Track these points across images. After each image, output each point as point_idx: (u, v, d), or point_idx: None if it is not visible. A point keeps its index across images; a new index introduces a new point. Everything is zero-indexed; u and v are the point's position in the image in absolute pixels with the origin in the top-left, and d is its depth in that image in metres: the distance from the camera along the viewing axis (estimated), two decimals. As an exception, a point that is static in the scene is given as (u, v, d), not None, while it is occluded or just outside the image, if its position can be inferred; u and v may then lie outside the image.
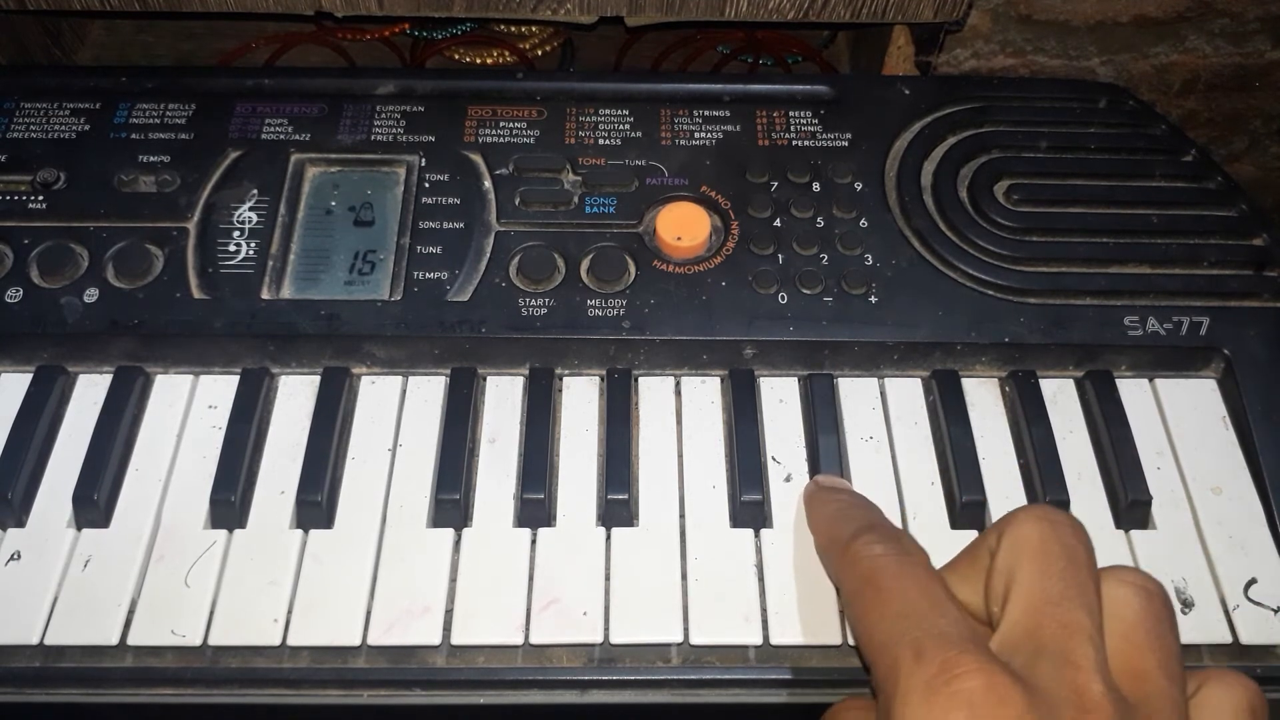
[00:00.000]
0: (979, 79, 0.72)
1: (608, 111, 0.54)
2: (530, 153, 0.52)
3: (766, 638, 0.41)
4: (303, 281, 0.48)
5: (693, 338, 0.47)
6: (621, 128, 0.54)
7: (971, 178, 0.53)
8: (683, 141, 0.53)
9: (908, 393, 0.48)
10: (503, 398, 0.47)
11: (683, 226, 0.49)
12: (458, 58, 0.74)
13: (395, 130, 0.53)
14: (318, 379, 0.47)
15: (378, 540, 0.43)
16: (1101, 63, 0.84)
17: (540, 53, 0.74)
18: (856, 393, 0.48)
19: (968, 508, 0.44)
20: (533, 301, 0.48)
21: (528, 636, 0.40)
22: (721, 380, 0.48)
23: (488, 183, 0.51)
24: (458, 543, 0.43)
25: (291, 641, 0.40)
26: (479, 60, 0.74)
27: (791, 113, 0.55)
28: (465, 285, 0.48)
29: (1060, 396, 0.48)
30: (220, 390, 0.47)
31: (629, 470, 0.44)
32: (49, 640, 0.40)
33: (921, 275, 0.49)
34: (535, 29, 0.74)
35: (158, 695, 0.40)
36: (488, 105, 0.54)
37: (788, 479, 0.45)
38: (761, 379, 0.48)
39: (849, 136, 0.54)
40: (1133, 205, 0.52)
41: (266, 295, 0.48)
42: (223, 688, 0.40)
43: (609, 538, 0.43)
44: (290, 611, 0.41)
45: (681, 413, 0.47)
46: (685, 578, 0.42)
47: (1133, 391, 0.48)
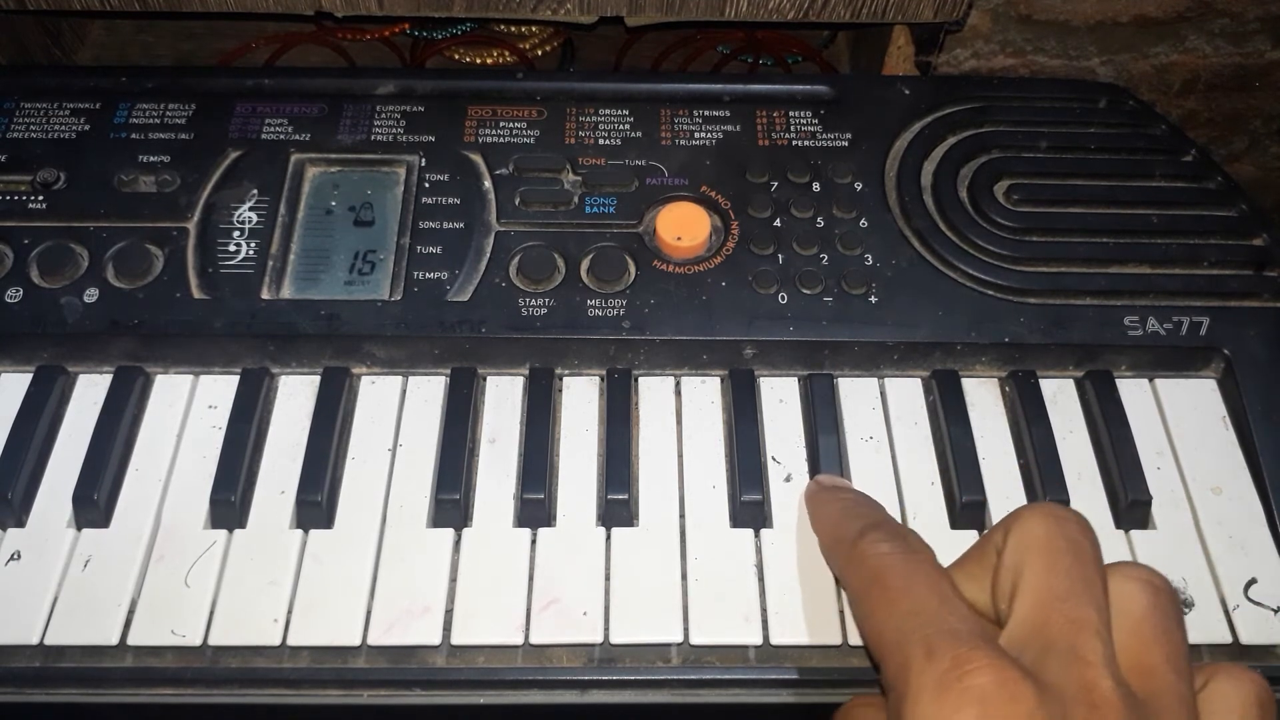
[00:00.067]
0: (979, 79, 0.72)
1: (608, 111, 0.54)
2: (530, 153, 0.52)
3: (766, 638, 0.41)
4: (303, 281, 0.48)
5: (693, 338, 0.47)
6: (621, 128, 0.54)
7: (971, 178, 0.53)
8: (683, 141, 0.53)
9: (908, 393, 0.48)
10: (503, 398, 0.47)
11: (683, 226, 0.49)
12: (458, 58, 0.74)
13: (395, 130, 0.53)
14: (318, 379, 0.47)
15: (378, 540, 0.43)
16: (1101, 63, 0.84)
17: (540, 53, 0.74)
18: (856, 393, 0.48)
19: (968, 508, 0.44)
20: (533, 301, 0.48)
21: (528, 636, 0.40)
22: (721, 380, 0.48)
23: (488, 183, 0.51)
24: (458, 543, 0.43)
25: (291, 641, 0.40)
26: (479, 60, 0.74)
27: (791, 113, 0.55)
28: (465, 285, 0.48)
29: (1060, 396, 0.48)
30: (220, 390, 0.47)
31: (629, 470, 0.44)
32: (49, 640, 0.40)
33: (921, 275, 0.49)
34: (535, 29, 0.74)
35: (158, 695, 0.40)
36: (488, 105, 0.54)
37: (788, 479, 0.45)
38: (761, 379, 0.48)
39: (849, 136, 0.54)
40: (1133, 205, 0.52)
41: (266, 295, 0.48)
42: (223, 688, 0.40)
43: (609, 538, 0.43)
44: (290, 611, 0.41)
45: (681, 413, 0.47)
46: (685, 578, 0.42)
47: (1133, 391, 0.48)
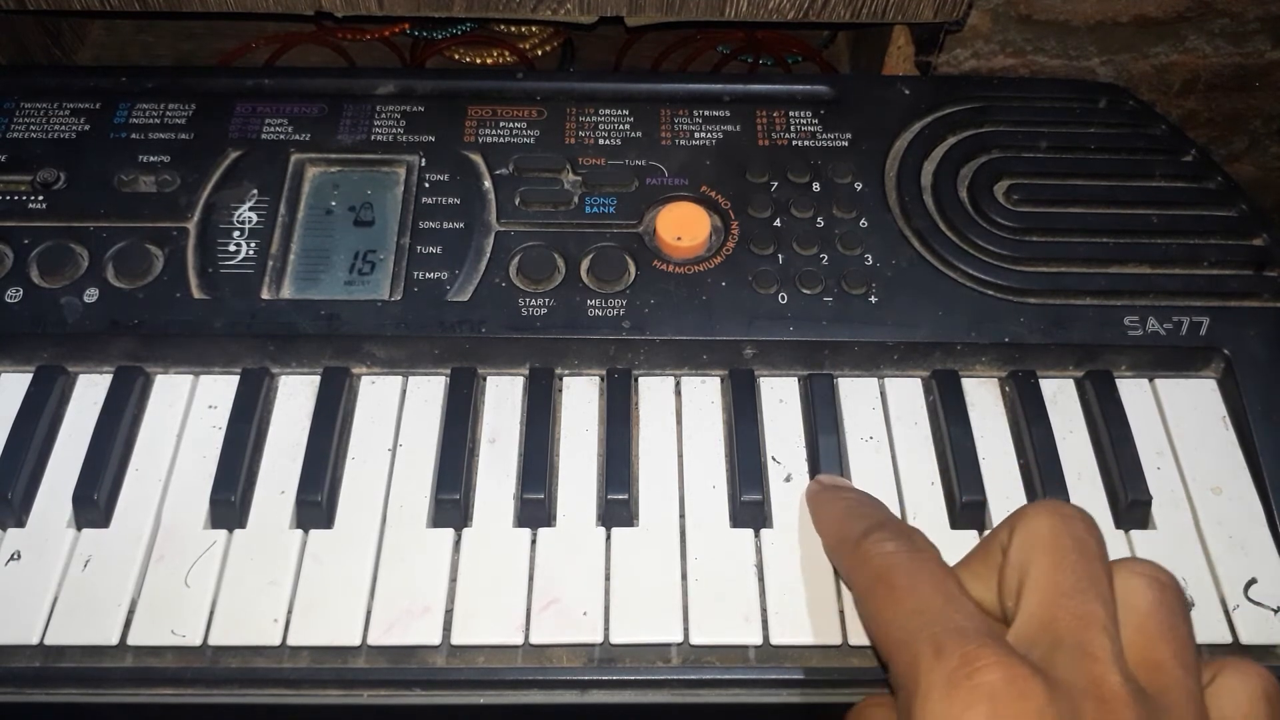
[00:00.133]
0: (979, 79, 0.72)
1: (608, 111, 0.54)
2: (530, 153, 0.52)
3: (766, 638, 0.41)
4: (303, 281, 0.48)
5: (693, 338, 0.47)
6: (621, 128, 0.54)
7: (971, 178, 0.53)
8: (683, 141, 0.53)
9: (908, 393, 0.48)
10: (503, 398, 0.47)
11: (683, 226, 0.49)
12: (458, 58, 0.74)
13: (395, 130, 0.53)
14: (318, 379, 0.47)
15: (378, 540, 0.43)
16: (1101, 63, 0.84)
17: (540, 53, 0.74)
18: (856, 393, 0.48)
19: (968, 508, 0.44)
20: (533, 301, 0.48)
21: (528, 636, 0.40)
22: (721, 380, 0.48)
23: (488, 183, 0.51)
24: (458, 543, 0.43)
25: (291, 641, 0.40)
26: (479, 60, 0.74)
27: (791, 113, 0.55)
28: (465, 285, 0.48)
29: (1060, 396, 0.48)
30: (220, 390, 0.47)
31: (629, 470, 0.44)
32: (49, 640, 0.40)
33: (921, 275, 0.49)
34: (535, 29, 0.74)
35: (158, 695, 0.40)
36: (488, 105, 0.54)
37: (788, 479, 0.45)
38: (761, 379, 0.48)
39: (849, 136, 0.54)
40: (1133, 205, 0.52)
41: (266, 295, 0.48)
42: (223, 688, 0.40)
43: (609, 538, 0.43)
44: (290, 611, 0.41)
45: (681, 413, 0.47)
46: (685, 578, 0.42)
47: (1133, 391, 0.48)
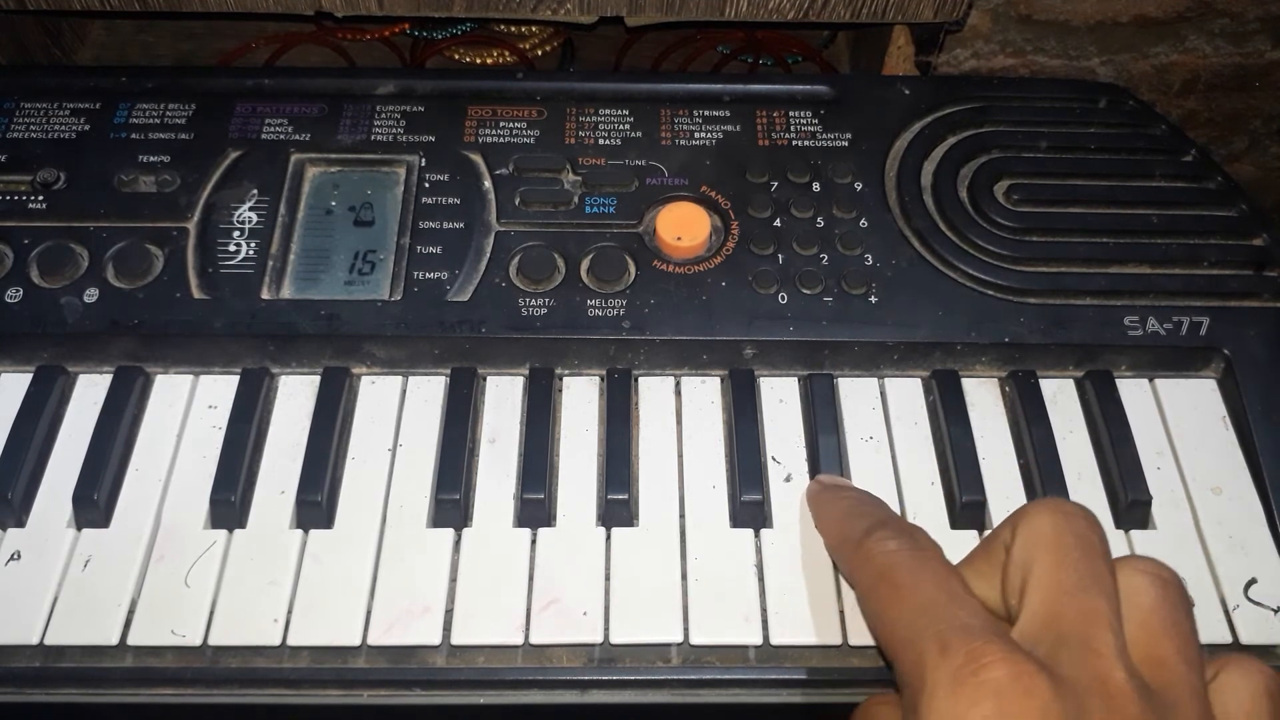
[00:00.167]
0: (979, 79, 0.72)
1: (608, 111, 0.54)
2: (530, 153, 0.52)
3: (766, 638, 0.41)
4: (303, 281, 0.48)
5: (693, 338, 0.47)
6: (621, 128, 0.54)
7: (971, 178, 0.53)
8: (683, 141, 0.53)
9: (908, 393, 0.48)
10: (503, 398, 0.47)
11: (683, 226, 0.49)
12: (458, 58, 0.74)
13: (395, 130, 0.53)
14: (318, 379, 0.47)
15: (378, 540, 0.43)
16: (1101, 63, 0.84)
17: (540, 53, 0.74)
18: (856, 393, 0.48)
19: (968, 508, 0.44)
20: (533, 301, 0.48)
21: (528, 636, 0.40)
22: (721, 380, 0.48)
23: (488, 183, 0.51)
24: (458, 543, 0.43)
25: (291, 641, 0.40)
26: (479, 60, 0.74)
27: (791, 113, 0.55)
28: (465, 285, 0.48)
29: (1060, 396, 0.48)
30: (220, 390, 0.47)
31: (629, 470, 0.44)
32: (49, 640, 0.40)
33: (921, 275, 0.49)
34: (535, 29, 0.74)
35: (158, 695, 0.40)
36: (488, 105, 0.54)
37: (788, 479, 0.45)
38: (761, 379, 0.48)
39: (849, 136, 0.54)
40: (1133, 205, 0.52)
41: (266, 295, 0.48)
42: (223, 688, 0.40)
43: (609, 538, 0.43)
44: (290, 611, 0.41)
45: (681, 413, 0.47)
46: (685, 578, 0.42)
47: (1133, 391, 0.48)
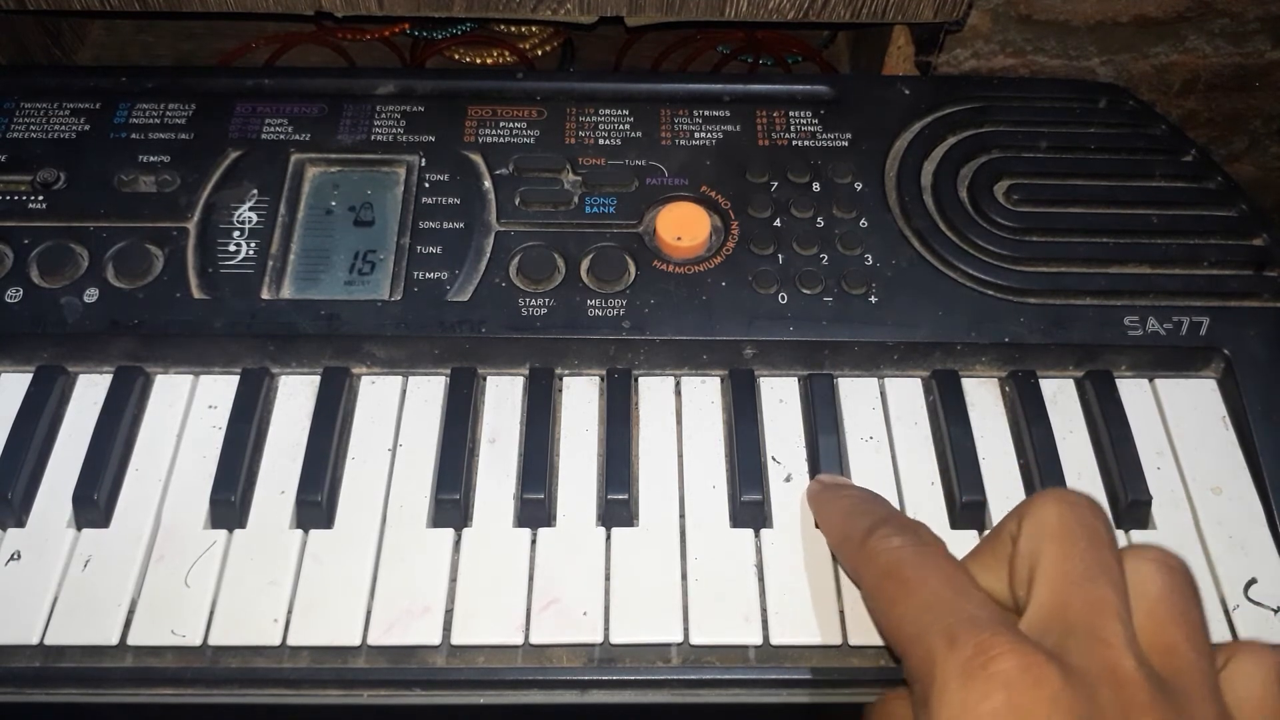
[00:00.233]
0: (979, 79, 0.72)
1: (608, 111, 0.54)
2: (530, 153, 0.52)
3: (766, 638, 0.41)
4: (303, 281, 0.48)
5: (693, 338, 0.47)
6: (621, 128, 0.54)
7: (971, 178, 0.53)
8: (683, 141, 0.53)
9: (908, 393, 0.48)
10: (503, 398, 0.47)
11: (683, 226, 0.49)
12: (458, 58, 0.74)
13: (395, 130, 0.53)
14: (318, 379, 0.47)
15: (378, 540, 0.43)
16: (1101, 63, 0.84)
17: (540, 53, 0.74)
18: (856, 393, 0.48)
19: (968, 508, 0.44)
20: (533, 301, 0.48)
21: (528, 636, 0.40)
22: (721, 380, 0.48)
23: (488, 183, 0.51)
24: (458, 543, 0.43)
25: (291, 641, 0.40)
26: (479, 60, 0.74)
27: (791, 113, 0.55)
28: (465, 285, 0.48)
29: (1060, 396, 0.48)
30: (220, 390, 0.47)
31: (629, 470, 0.44)
32: (49, 640, 0.40)
33: (921, 275, 0.49)
34: (535, 29, 0.74)
35: (158, 695, 0.40)
36: (488, 105, 0.54)
37: (788, 479, 0.45)
38: (761, 379, 0.48)
39: (849, 136, 0.54)
40: (1133, 205, 0.52)
41: (266, 295, 0.48)
42: (223, 688, 0.40)
43: (609, 538, 0.43)
44: (290, 611, 0.41)
45: (681, 413, 0.47)
46: (685, 578, 0.42)
47: (1133, 391, 0.48)
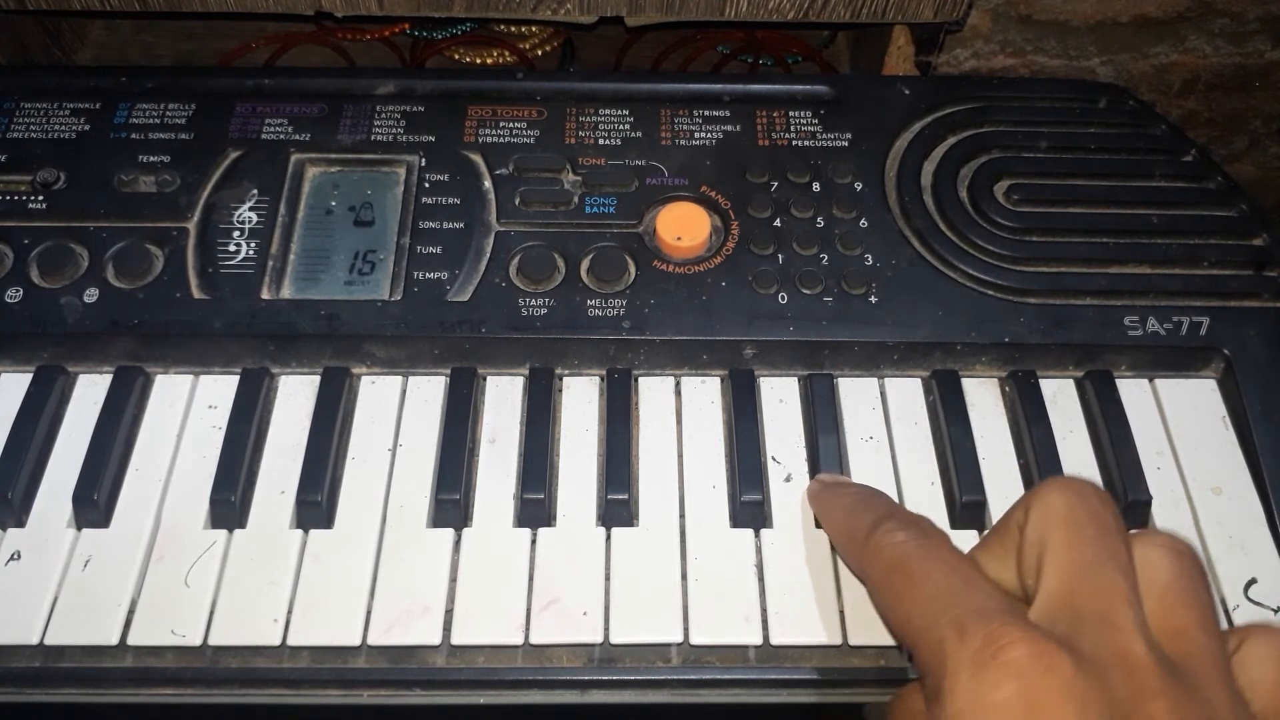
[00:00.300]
0: (979, 79, 0.72)
1: (608, 111, 0.54)
2: (530, 153, 0.52)
3: (766, 638, 0.41)
4: (303, 281, 0.48)
5: (693, 338, 0.47)
6: (621, 128, 0.54)
7: (971, 178, 0.53)
8: (683, 141, 0.53)
9: (908, 393, 0.48)
10: (503, 398, 0.47)
11: (683, 226, 0.49)
12: (458, 58, 0.74)
13: (395, 130, 0.53)
14: (318, 379, 0.47)
15: (378, 540, 0.43)
16: (1101, 63, 0.84)
17: (540, 53, 0.74)
18: (856, 393, 0.48)
19: (968, 508, 0.44)
20: (533, 301, 0.48)
21: (528, 636, 0.40)
22: (721, 380, 0.48)
23: (488, 183, 0.51)
24: (458, 543, 0.43)
25: (291, 641, 0.40)
26: (479, 60, 0.74)
27: (791, 113, 0.55)
28: (465, 285, 0.48)
29: (1060, 396, 0.48)
30: (220, 390, 0.47)
31: (629, 470, 0.44)
32: (49, 640, 0.40)
33: (921, 275, 0.49)
34: (535, 29, 0.74)
35: (158, 695, 0.40)
36: (488, 105, 0.54)
37: (788, 479, 0.45)
38: (761, 379, 0.48)
39: (849, 136, 0.54)
40: (1133, 205, 0.52)
41: (266, 295, 0.48)
42: (223, 688, 0.40)
43: (609, 538, 0.43)
44: (290, 611, 0.41)
45: (681, 413, 0.47)
46: (685, 578, 0.42)
47: (1133, 391, 0.48)
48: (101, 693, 0.40)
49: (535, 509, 0.43)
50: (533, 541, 0.43)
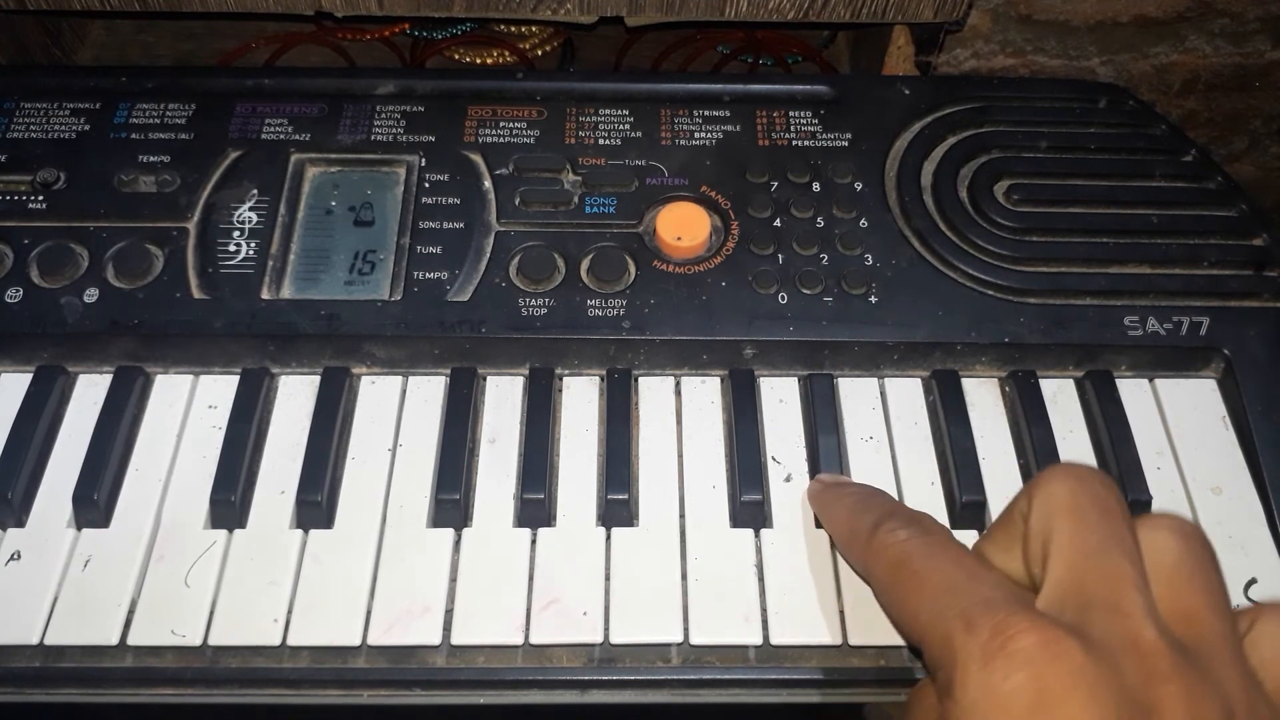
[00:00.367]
0: (979, 79, 0.72)
1: (608, 111, 0.54)
2: (530, 153, 0.52)
3: (766, 638, 0.41)
4: (303, 281, 0.48)
5: (693, 338, 0.47)
6: (621, 128, 0.54)
7: (971, 178, 0.53)
8: (683, 141, 0.53)
9: (908, 393, 0.48)
10: (503, 398, 0.47)
11: (683, 226, 0.49)
12: (458, 58, 0.74)
13: (395, 130, 0.53)
14: (318, 379, 0.47)
15: (378, 540, 0.43)
16: (1101, 63, 0.84)
17: (540, 53, 0.74)
18: (856, 393, 0.48)
19: (968, 508, 0.44)
20: (533, 301, 0.48)
21: (528, 636, 0.40)
22: (721, 380, 0.48)
23: (488, 183, 0.51)
24: (458, 543, 0.43)
25: (291, 641, 0.40)
26: (479, 60, 0.74)
27: (791, 113, 0.55)
28: (465, 285, 0.48)
29: (1060, 396, 0.48)
30: (220, 390, 0.47)
31: (629, 470, 0.44)
32: (49, 640, 0.40)
33: (921, 275, 0.49)
34: (535, 29, 0.74)
35: (158, 695, 0.40)
36: (488, 105, 0.54)
37: (788, 479, 0.45)
38: (761, 379, 0.48)
39: (849, 136, 0.54)
40: (1133, 205, 0.52)
41: (266, 295, 0.48)
42: (223, 688, 0.40)
43: (609, 538, 0.43)
44: (290, 611, 0.41)
45: (681, 413, 0.47)
46: (685, 578, 0.42)
47: (1133, 391, 0.48)
48: (101, 693, 0.40)
49: (535, 509, 0.43)
50: (533, 541, 0.43)
